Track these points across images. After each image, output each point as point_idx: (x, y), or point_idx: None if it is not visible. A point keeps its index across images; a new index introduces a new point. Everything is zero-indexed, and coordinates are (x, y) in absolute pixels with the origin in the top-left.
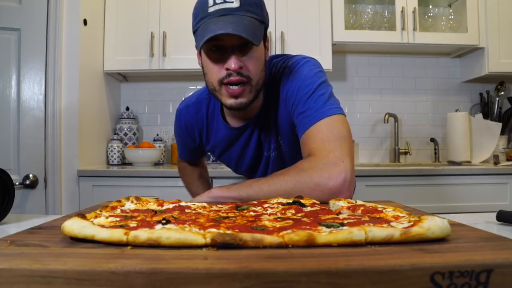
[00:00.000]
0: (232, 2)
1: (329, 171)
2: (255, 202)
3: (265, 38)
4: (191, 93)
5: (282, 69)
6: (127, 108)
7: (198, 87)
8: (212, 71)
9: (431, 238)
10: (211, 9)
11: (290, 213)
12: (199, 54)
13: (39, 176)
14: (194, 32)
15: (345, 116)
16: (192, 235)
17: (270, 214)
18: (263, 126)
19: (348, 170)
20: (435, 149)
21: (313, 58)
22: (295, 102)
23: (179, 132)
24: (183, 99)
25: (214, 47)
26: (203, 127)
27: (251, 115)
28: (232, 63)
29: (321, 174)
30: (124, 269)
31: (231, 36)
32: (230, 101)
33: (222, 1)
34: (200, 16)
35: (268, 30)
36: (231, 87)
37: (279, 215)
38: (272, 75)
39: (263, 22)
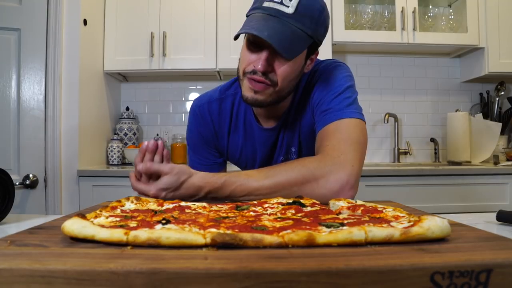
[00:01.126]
0: (288, 6)
1: (337, 173)
2: (255, 202)
3: (312, 51)
4: (190, 96)
5: (313, 73)
6: (127, 108)
7: (198, 87)
8: (244, 59)
9: (431, 238)
10: (265, 4)
11: (290, 213)
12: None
13: (39, 176)
14: (247, 16)
15: (365, 123)
16: (192, 235)
17: (270, 214)
18: (288, 128)
19: (354, 174)
20: (435, 149)
21: (343, 63)
22: (320, 102)
23: (199, 130)
24: (184, 100)
25: (253, 40)
26: (226, 125)
27: (279, 115)
28: (260, 64)
29: (328, 178)
30: (124, 269)
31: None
32: (247, 94)
33: (279, 1)
34: (256, 5)
35: None
36: (254, 81)
37: (279, 215)
38: (303, 77)
39: (312, 37)
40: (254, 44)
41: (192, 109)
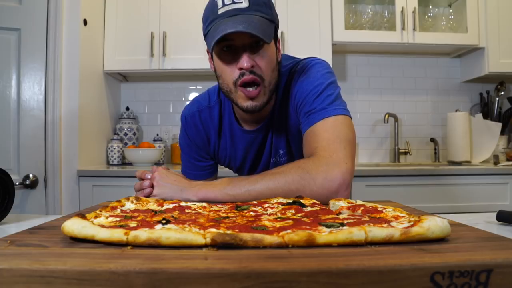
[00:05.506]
0: (241, 2)
1: (332, 172)
2: (255, 202)
3: (276, 38)
4: (190, 96)
5: (292, 73)
6: (127, 108)
7: (198, 87)
8: (226, 72)
9: (431, 238)
10: (220, 11)
11: (290, 213)
12: (211, 58)
13: (39, 176)
14: (205, 35)
15: (351, 118)
16: (192, 235)
17: (270, 214)
18: (275, 130)
19: (349, 172)
20: (435, 149)
21: (322, 60)
22: (303, 103)
23: (192, 137)
24: (184, 100)
25: (225, 48)
26: (215, 132)
27: (263, 117)
28: (245, 61)
29: (325, 177)
30: (124, 269)
31: (242, 35)
32: (246, 103)
33: (231, 2)
34: (210, 18)
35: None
36: (247, 89)
37: (279, 215)
38: (282, 77)
39: (273, 21)
40: (227, 52)
41: (184, 117)
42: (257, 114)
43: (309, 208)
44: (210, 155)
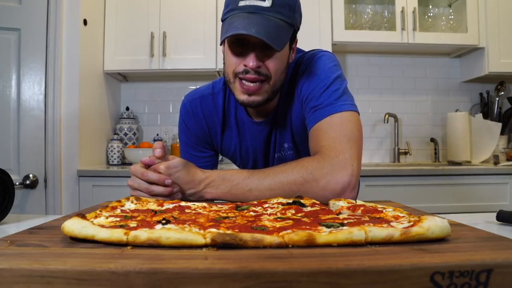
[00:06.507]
0: (264, 0)
1: (337, 174)
2: (255, 202)
3: (292, 40)
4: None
5: (298, 64)
6: (127, 108)
7: (198, 87)
8: (230, 62)
9: (431, 238)
10: (241, 3)
11: (290, 213)
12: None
13: (39, 176)
14: (223, 20)
15: (358, 113)
16: (192, 235)
17: (270, 214)
18: (279, 123)
19: (355, 174)
20: (435, 149)
21: (327, 52)
22: (309, 97)
23: (191, 126)
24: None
25: (237, 40)
26: (219, 120)
27: (269, 111)
28: (251, 61)
29: (329, 180)
30: (124, 269)
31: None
32: (242, 97)
33: None
34: (230, 7)
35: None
36: (246, 83)
37: (279, 215)
38: (287, 69)
39: (293, 25)
40: (238, 45)
41: (183, 104)
42: (261, 108)
43: (309, 208)
44: (210, 146)
